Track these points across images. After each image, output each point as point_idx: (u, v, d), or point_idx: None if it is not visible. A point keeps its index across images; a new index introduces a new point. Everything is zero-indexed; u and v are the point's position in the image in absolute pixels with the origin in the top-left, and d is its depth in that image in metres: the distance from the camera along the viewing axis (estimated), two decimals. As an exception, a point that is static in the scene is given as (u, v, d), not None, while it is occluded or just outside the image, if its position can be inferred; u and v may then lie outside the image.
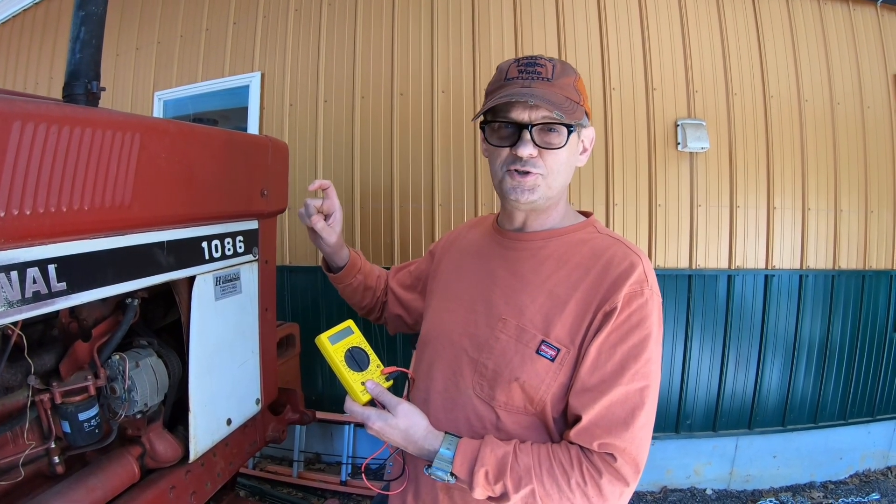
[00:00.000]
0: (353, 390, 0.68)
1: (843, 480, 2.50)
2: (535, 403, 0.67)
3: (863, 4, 2.45)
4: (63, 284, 0.73)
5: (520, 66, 0.69)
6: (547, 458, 0.63)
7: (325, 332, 0.70)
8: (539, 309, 0.68)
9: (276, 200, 1.29)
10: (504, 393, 0.67)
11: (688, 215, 2.24)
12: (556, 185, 0.70)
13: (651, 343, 0.64)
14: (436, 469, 0.65)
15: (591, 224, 0.76)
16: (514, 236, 0.76)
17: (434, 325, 0.81)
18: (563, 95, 0.67)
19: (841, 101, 2.37)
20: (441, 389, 0.74)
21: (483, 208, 2.23)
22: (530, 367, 0.66)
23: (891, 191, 2.44)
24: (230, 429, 1.13)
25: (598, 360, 0.64)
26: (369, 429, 0.67)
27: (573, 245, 0.72)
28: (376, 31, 2.33)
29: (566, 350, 0.65)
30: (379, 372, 0.71)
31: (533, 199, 0.70)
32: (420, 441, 0.66)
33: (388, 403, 0.68)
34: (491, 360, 0.69)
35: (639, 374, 0.63)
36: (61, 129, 0.71)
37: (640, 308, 0.64)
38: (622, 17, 2.24)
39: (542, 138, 0.68)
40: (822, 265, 2.35)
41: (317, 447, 2.43)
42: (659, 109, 2.21)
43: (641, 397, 0.63)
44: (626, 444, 0.62)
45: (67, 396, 0.85)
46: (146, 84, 2.76)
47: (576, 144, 0.72)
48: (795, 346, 2.33)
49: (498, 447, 0.64)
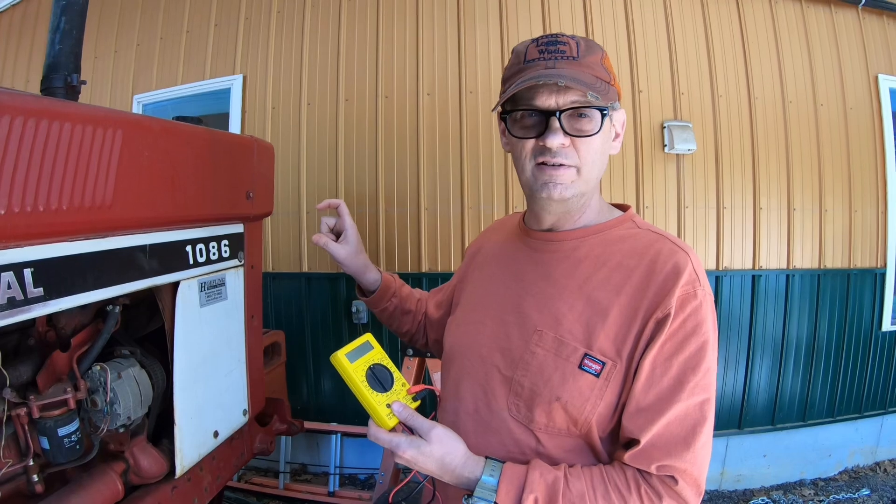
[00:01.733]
0: (377, 414, 0.60)
1: (833, 477, 2.52)
2: (579, 425, 0.60)
3: (844, 8, 2.48)
4: (40, 290, 0.69)
5: (539, 45, 0.61)
6: (602, 481, 0.57)
7: (341, 349, 0.62)
8: (578, 318, 0.61)
9: (262, 203, 1.26)
10: (544, 414, 0.60)
11: (675, 217, 2.24)
12: (591, 179, 0.62)
13: (709, 350, 0.58)
14: (478, 499, 0.58)
15: (629, 218, 0.67)
16: (545, 236, 0.68)
17: (460, 338, 0.73)
18: (593, 75, 0.59)
19: (824, 103, 2.40)
20: (472, 411, 0.66)
21: (470, 212, 2.21)
22: (572, 384, 0.59)
23: (874, 190, 2.48)
24: (217, 441, 1.10)
25: (652, 376, 0.57)
26: (399, 458, 0.59)
27: (612, 243, 0.64)
28: (360, 34, 2.31)
29: (612, 363, 0.58)
30: (405, 391, 0.64)
31: (567, 197, 0.61)
32: (458, 469, 0.59)
33: (420, 428, 0.60)
34: (527, 377, 0.62)
35: (698, 386, 0.57)
36: (39, 123, 0.68)
37: (694, 312, 0.57)
38: (608, 20, 2.24)
39: (573, 125, 0.59)
40: (808, 265, 2.37)
41: (303, 458, 2.38)
42: (646, 112, 2.22)
43: (702, 412, 0.57)
44: (688, 464, 0.56)
45: (46, 410, 0.81)
46: (125, 87, 2.70)
47: (609, 130, 0.63)
48: (783, 346, 2.35)
49: (548, 472, 0.58)
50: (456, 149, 2.20)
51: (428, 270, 2.26)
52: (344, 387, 0.64)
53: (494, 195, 2.21)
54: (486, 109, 2.20)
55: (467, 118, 2.21)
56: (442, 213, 2.22)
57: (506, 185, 2.20)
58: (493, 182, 2.20)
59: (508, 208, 2.21)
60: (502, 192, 2.20)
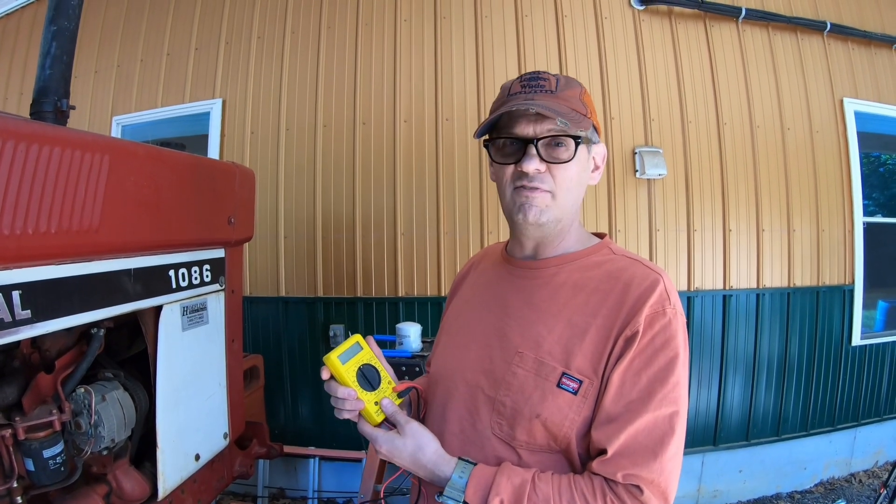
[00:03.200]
0: (366, 411, 0.66)
1: (809, 490, 2.56)
2: (559, 441, 0.62)
3: (810, 34, 2.57)
4: (28, 312, 0.70)
5: (522, 81, 0.67)
6: (568, 487, 0.59)
7: (333, 351, 0.66)
8: (558, 340, 0.64)
9: (243, 228, 1.28)
10: (525, 431, 0.63)
11: (647, 240, 2.29)
12: (566, 205, 0.66)
13: (679, 365, 0.60)
14: (447, 498, 0.61)
15: (605, 245, 0.71)
16: (526, 264, 0.72)
17: (446, 362, 0.76)
18: (569, 107, 0.64)
19: (791, 127, 2.48)
20: (457, 431, 0.69)
21: (445, 237, 2.24)
22: (551, 402, 0.62)
23: (840, 209, 2.55)
24: (198, 464, 1.11)
25: (622, 389, 0.60)
26: (377, 452, 0.64)
27: (589, 269, 0.68)
28: (339, 61, 2.34)
29: (589, 381, 0.61)
30: (391, 389, 0.69)
31: (542, 221, 0.65)
32: (429, 465, 0.63)
33: (399, 423, 0.65)
34: (509, 396, 0.64)
35: (667, 399, 0.59)
36: (29, 147, 0.69)
37: (663, 329, 0.60)
38: (581, 48, 2.30)
39: (550, 153, 0.64)
40: (778, 283, 2.43)
41: (281, 482, 2.37)
42: (617, 138, 2.27)
43: (671, 424, 0.58)
44: (655, 475, 0.57)
45: (31, 432, 0.81)
46: (104, 108, 2.69)
47: (586, 160, 0.68)
48: (755, 362, 2.40)
49: (515, 475, 0.60)
50: (432, 175, 2.24)
51: (404, 295, 2.27)
52: (322, 410, 0.68)
53: (470, 221, 2.24)
54: (461, 136, 2.24)
55: (443, 145, 2.24)
56: (418, 238, 2.24)
57: (481, 211, 2.24)
58: (469, 208, 2.24)
59: (483, 233, 2.24)
60: (477, 218, 2.24)
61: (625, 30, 2.33)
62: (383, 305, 2.27)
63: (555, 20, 2.31)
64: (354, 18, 2.36)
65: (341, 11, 2.38)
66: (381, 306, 2.27)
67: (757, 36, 2.48)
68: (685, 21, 2.40)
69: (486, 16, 2.29)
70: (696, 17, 2.41)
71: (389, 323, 2.23)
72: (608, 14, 2.33)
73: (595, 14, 2.33)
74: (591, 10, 2.33)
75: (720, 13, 2.41)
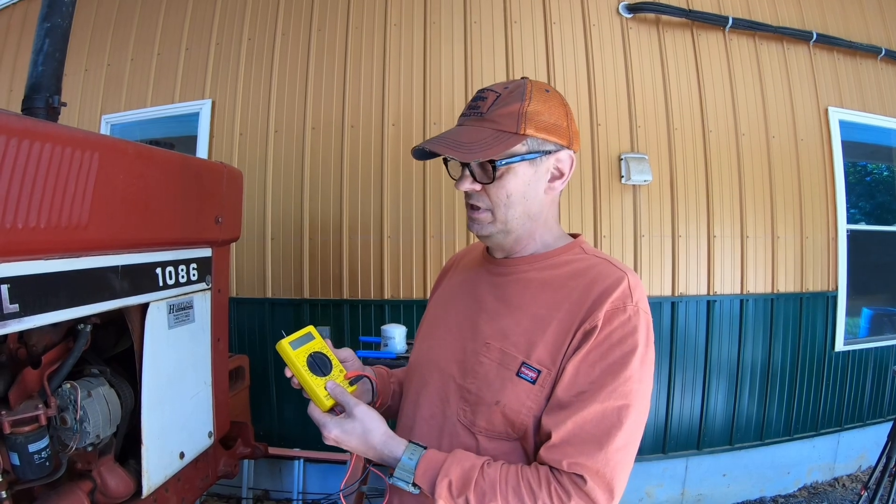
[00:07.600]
0: (315, 395, 0.67)
1: (793, 494, 2.59)
2: (516, 428, 0.64)
3: (796, 43, 2.60)
4: (16, 306, 0.70)
5: (470, 101, 0.70)
6: (515, 475, 0.61)
7: (285, 338, 0.68)
8: (523, 332, 0.66)
9: (230, 228, 1.28)
10: (484, 418, 0.65)
11: (632, 245, 2.31)
12: (510, 219, 0.68)
13: (634, 360, 0.61)
14: (397, 479, 0.63)
15: (577, 245, 0.73)
16: (500, 262, 0.75)
17: (423, 353, 0.79)
18: (493, 128, 0.64)
19: (776, 135, 2.51)
20: (427, 416, 0.72)
21: (432, 240, 2.25)
22: (510, 390, 0.64)
23: (824, 216, 2.59)
24: (183, 462, 1.11)
25: (575, 378, 0.61)
26: (326, 438, 0.64)
27: (558, 266, 0.70)
28: (329, 64, 2.35)
29: (547, 371, 0.63)
30: (342, 377, 0.70)
31: (486, 234, 0.69)
32: (379, 447, 0.64)
33: (347, 405, 0.66)
34: (475, 384, 0.67)
35: (617, 391, 0.60)
36: (21, 143, 0.69)
37: (622, 325, 0.61)
38: (568, 54, 2.32)
39: (480, 173, 0.67)
40: (762, 289, 2.45)
41: (265, 484, 2.36)
42: (603, 144, 2.29)
43: (619, 417, 0.59)
44: (600, 465, 0.58)
45: (17, 426, 0.81)
46: (93, 106, 2.68)
47: (531, 174, 0.67)
48: (739, 367, 2.42)
49: (465, 460, 0.62)
50: (419, 178, 2.25)
51: (391, 297, 2.28)
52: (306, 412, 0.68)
53: (456, 224, 2.25)
54: (450, 139, 2.24)
55: (431, 148, 2.25)
56: (405, 241, 2.25)
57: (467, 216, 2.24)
58: (455, 211, 2.25)
59: (469, 237, 2.25)
60: (463, 222, 2.23)
61: (612, 37, 2.36)
62: (369, 307, 2.27)
63: (543, 26, 2.33)
64: (344, 22, 2.37)
65: (331, 15, 2.39)
66: (367, 308, 2.28)
67: (743, 45, 2.51)
68: (672, 29, 2.43)
69: (476, 21, 2.31)
70: (683, 25, 2.44)
71: (375, 325, 2.24)
72: (596, 21, 2.36)
73: (583, 21, 2.35)
74: (580, 17, 2.35)
75: (707, 22, 2.44)
